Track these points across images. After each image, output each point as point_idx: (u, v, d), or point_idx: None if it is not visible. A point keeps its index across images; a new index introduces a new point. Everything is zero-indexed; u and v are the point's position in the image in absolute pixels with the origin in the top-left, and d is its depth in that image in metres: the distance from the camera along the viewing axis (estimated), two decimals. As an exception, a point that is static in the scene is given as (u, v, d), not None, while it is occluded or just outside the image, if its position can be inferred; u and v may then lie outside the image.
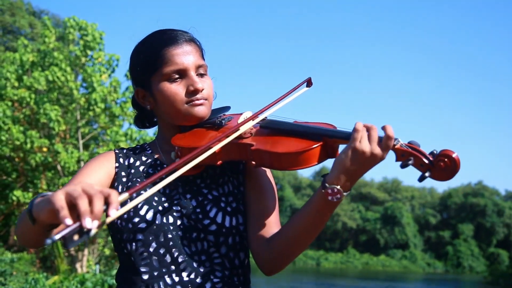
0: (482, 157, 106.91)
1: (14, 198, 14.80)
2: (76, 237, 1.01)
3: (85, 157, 14.69)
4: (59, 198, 1.05)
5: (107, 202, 1.07)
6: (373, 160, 1.34)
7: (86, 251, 14.53)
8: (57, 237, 0.99)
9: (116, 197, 1.08)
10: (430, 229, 70.20)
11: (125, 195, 1.14)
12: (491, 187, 73.06)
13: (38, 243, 1.37)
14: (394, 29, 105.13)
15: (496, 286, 41.98)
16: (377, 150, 1.34)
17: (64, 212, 1.03)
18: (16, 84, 15.54)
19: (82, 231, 1.02)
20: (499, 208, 66.91)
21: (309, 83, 1.72)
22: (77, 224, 1.02)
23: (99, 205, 1.04)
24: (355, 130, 1.35)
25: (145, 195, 1.22)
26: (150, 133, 16.01)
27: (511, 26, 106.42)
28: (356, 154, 1.34)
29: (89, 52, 15.02)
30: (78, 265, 14.26)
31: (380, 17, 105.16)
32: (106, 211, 1.07)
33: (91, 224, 1.02)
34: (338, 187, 1.36)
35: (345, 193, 1.37)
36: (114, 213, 1.06)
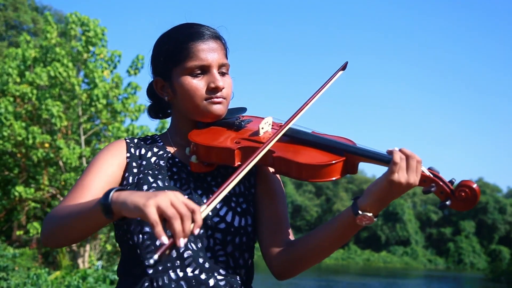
0: (482, 154, 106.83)
1: (16, 193, 14.84)
2: (167, 252, 1.13)
3: (87, 153, 14.71)
4: (152, 212, 1.14)
5: (193, 220, 1.16)
6: (408, 188, 1.37)
7: (88, 247, 14.57)
8: (157, 256, 1.10)
9: (200, 216, 1.17)
10: (431, 226, 70.20)
11: (204, 207, 1.23)
12: (492, 184, 72.98)
13: (82, 238, 1.44)
14: (389, 41, 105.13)
15: (497, 283, 41.97)
16: (414, 179, 1.36)
17: (159, 228, 1.13)
18: (18, 79, 15.56)
19: (173, 247, 1.13)
20: (501, 205, 66.82)
21: (345, 67, 1.72)
22: (171, 242, 1.13)
23: (189, 226, 1.14)
24: (393, 163, 1.35)
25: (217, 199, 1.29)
26: (152, 129, 16.05)
27: (504, 28, 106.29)
28: (393, 185, 1.36)
29: (91, 48, 15.02)
30: (80, 261, 14.30)
31: (375, 30, 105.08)
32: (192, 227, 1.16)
33: (183, 242, 1.13)
34: (370, 214, 1.39)
35: (375, 219, 1.40)
36: (197, 231, 1.16)
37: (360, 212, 1.39)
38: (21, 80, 15.65)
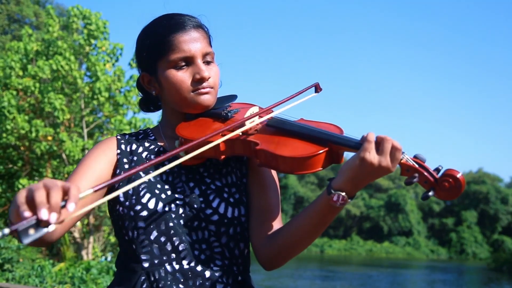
0: (483, 144, 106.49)
1: (20, 186, 14.91)
2: (31, 231, 0.99)
3: (89, 145, 14.77)
4: (20, 195, 1.05)
5: (66, 197, 1.05)
6: (381, 171, 1.33)
7: (91, 239, 14.67)
8: (7, 230, 0.96)
9: (76, 192, 1.06)
10: (433, 216, 70.16)
11: (89, 191, 1.12)
12: (493, 174, 72.82)
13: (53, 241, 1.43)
14: (389, 27, 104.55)
15: (499, 273, 42.02)
16: (386, 162, 1.32)
17: (23, 207, 1.02)
18: (21, 73, 15.61)
19: (39, 224, 1.00)
20: (503, 196, 66.68)
21: (317, 88, 1.67)
22: (34, 216, 1.00)
23: (55, 197, 1.02)
24: (366, 140, 1.33)
25: (142, 179, 1.24)
26: (154, 121, 16.10)
27: (505, 17, 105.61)
28: (365, 165, 1.32)
29: (93, 41, 15.05)
30: (84, 252, 14.40)
31: (380, 15, 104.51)
32: (64, 206, 1.04)
33: (47, 215, 1.00)
34: (344, 194, 1.36)
35: (349, 200, 1.37)
36: (72, 207, 1.03)
37: (333, 191, 1.36)
38: (23, 73, 15.69)
